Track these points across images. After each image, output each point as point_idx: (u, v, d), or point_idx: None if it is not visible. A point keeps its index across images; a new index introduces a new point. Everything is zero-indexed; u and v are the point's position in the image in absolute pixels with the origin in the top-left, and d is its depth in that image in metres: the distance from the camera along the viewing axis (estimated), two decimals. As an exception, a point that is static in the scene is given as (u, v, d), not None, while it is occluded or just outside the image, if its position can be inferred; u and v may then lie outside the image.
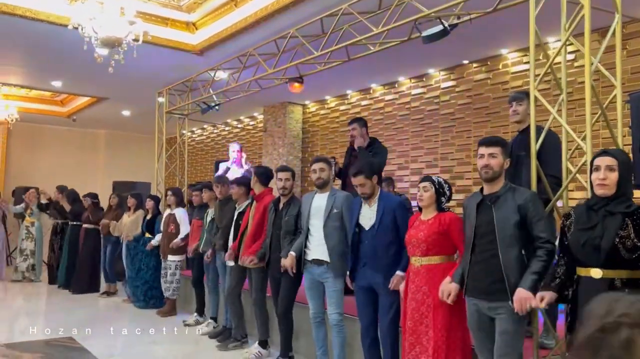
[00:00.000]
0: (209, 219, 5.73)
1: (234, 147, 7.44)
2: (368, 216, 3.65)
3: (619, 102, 3.28)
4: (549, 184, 3.45)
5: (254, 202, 4.78)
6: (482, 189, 2.93)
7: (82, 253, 7.90)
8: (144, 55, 7.38)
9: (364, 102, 9.24)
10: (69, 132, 13.95)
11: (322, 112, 10.17)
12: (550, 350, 3.40)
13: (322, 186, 4.04)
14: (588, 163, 3.15)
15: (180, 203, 6.51)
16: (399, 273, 3.48)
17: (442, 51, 7.14)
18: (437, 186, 3.24)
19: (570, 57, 6.25)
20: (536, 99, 3.50)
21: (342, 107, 9.72)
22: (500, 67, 7.16)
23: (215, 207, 5.58)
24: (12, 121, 10.82)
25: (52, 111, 12.37)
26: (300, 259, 4.07)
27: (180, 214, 6.39)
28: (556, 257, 2.67)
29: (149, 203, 6.94)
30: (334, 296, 3.88)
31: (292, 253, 4.07)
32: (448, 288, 2.96)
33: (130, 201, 7.23)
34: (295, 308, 4.42)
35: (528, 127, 3.78)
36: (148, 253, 6.69)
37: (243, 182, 5.17)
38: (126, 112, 11.92)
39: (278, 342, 4.51)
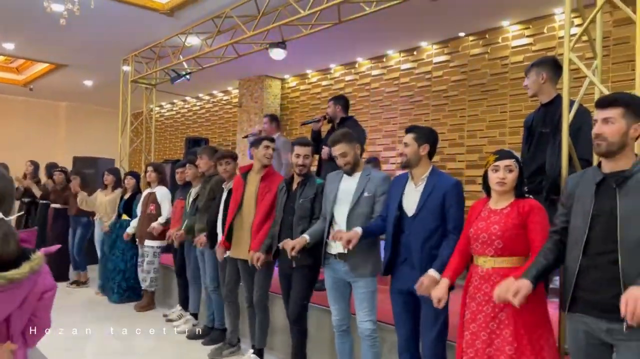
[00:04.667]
0: (190, 199, 4.92)
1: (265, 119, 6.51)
2: (413, 198, 2.85)
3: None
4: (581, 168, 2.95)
5: (258, 180, 3.88)
6: (599, 165, 2.15)
7: (51, 236, 6.91)
8: (106, 15, 6.62)
9: (348, 77, 8.60)
10: (26, 103, 12.97)
11: (303, 87, 9.50)
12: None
13: (351, 171, 3.24)
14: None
15: (162, 181, 5.67)
16: (431, 272, 2.64)
17: (435, 22, 6.60)
18: (520, 165, 2.49)
19: (574, 30, 5.77)
20: (571, 63, 2.94)
21: (324, 83, 9.07)
22: (500, 40, 6.61)
23: (199, 186, 4.80)
24: (-41, 87, 9.83)
25: (6, 78, 11.34)
26: (319, 252, 3.27)
27: (162, 193, 5.57)
28: None
29: (129, 181, 6.12)
30: (365, 300, 3.10)
31: (306, 236, 3.25)
32: (517, 284, 2.12)
33: (108, 178, 6.39)
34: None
35: (553, 100, 3.27)
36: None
37: (236, 156, 4.36)
38: (88, 82, 11.03)
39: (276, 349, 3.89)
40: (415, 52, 7.60)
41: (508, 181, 2.43)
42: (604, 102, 2.08)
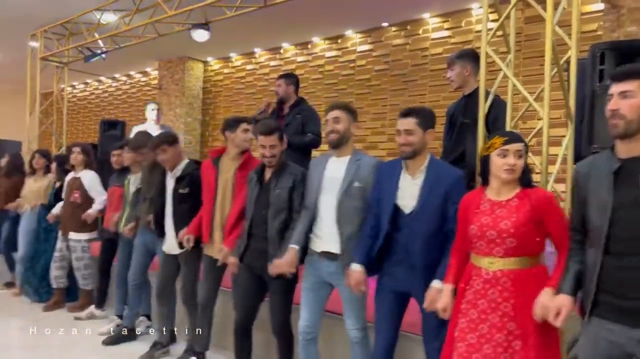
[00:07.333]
0: (132, 188, 4.33)
1: (152, 106, 6.24)
2: (410, 192, 2.48)
3: (573, 62, 2.96)
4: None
5: (235, 168, 3.43)
6: (612, 149, 1.86)
7: None
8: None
9: (272, 63, 8.53)
10: None
11: (226, 71, 9.31)
12: None
13: (337, 143, 2.79)
14: (545, 129, 2.85)
15: (89, 164, 5.04)
16: (436, 284, 2.33)
17: (360, 10, 6.69)
18: (527, 149, 2.16)
19: (490, 25, 6.06)
20: (487, 56, 3.09)
21: (248, 67, 8.94)
22: (421, 32, 6.82)
23: (142, 172, 4.20)
24: None
25: None
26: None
27: (90, 178, 4.96)
28: None
29: (39, 160, 5.49)
30: (353, 304, 2.74)
31: (294, 246, 2.81)
32: (557, 302, 1.87)
33: (39, 161, 5.58)
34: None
35: (474, 92, 3.40)
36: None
37: (172, 139, 3.76)
38: (-9, 58, 10.18)
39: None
40: (339, 41, 7.67)
41: (517, 168, 2.08)
42: (621, 74, 1.81)
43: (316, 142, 4.28)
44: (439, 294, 2.29)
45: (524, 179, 2.11)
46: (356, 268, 2.56)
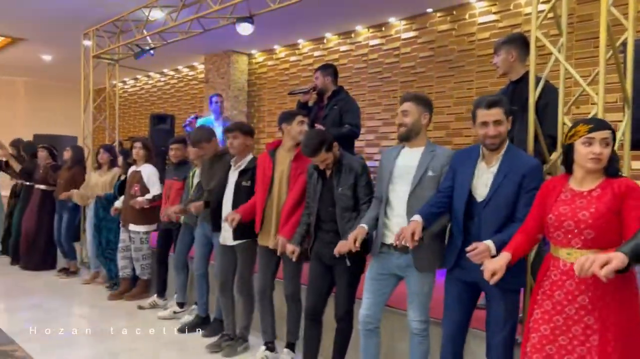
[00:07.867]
0: (195, 180, 4.45)
1: (215, 99, 6.31)
2: (483, 180, 2.45)
3: (630, 44, 2.82)
4: (546, 145, 3.01)
5: (290, 160, 3.46)
6: None
7: (37, 220, 6.47)
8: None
9: (316, 53, 8.52)
10: (-18, 79, 12.45)
11: (270, 63, 9.38)
12: None
13: (406, 137, 2.77)
14: (600, 114, 2.74)
15: (150, 159, 5.27)
16: (489, 244, 2.27)
17: (404, -3, 6.58)
18: (615, 137, 2.05)
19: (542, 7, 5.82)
20: (537, 40, 2.99)
21: (292, 58, 8.97)
22: (467, 17, 6.64)
23: (203, 165, 4.30)
24: None
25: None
26: (365, 241, 2.83)
27: (149, 171, 5.16)
28: None
29: (103, 155, 5.78)
30: (418, 297, 2.72)
31: (364, 225, 2.80)
32: (607, 255, 1.68)
33: (103, 156, 5.82)
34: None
35: (522, 78, 3.31)
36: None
37: (246, 129, 3.82)
38: (47, 57, 10.63)
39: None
40: (383, 28, 7.58)
41: (604, 156, 1.97)
42: None
43: (354, 134, 4.26)
44: (487, 252, 2.23)
45: (610, 168, 2.02)
46: (415, 218, 2.49)
